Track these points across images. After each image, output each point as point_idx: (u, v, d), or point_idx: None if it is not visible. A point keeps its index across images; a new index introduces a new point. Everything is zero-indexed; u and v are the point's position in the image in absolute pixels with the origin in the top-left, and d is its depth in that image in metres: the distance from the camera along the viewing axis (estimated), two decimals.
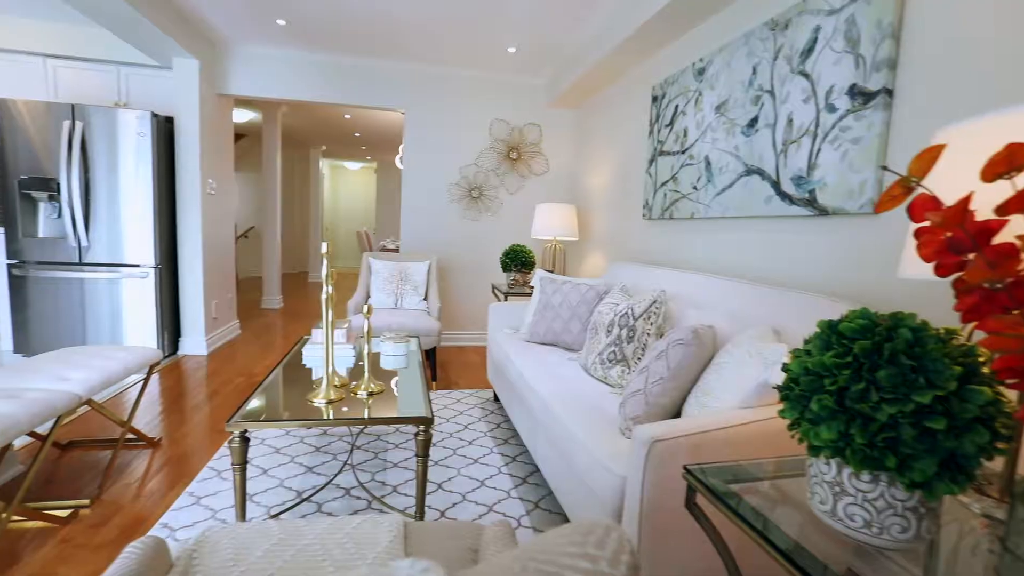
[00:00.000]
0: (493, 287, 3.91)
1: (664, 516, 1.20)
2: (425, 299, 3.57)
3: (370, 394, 1.71)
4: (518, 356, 2.38)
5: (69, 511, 1.79)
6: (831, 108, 1.71)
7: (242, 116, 6.66)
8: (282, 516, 1.80)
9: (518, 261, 3.75)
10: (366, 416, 1.54)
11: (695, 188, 2.56)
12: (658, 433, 1.19)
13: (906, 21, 1.50)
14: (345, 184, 11.42)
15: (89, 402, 1.87)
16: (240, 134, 6.93)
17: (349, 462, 2.18)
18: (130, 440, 2.33)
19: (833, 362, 0.74)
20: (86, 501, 1.86)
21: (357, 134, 7.71)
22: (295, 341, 4.44)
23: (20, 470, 2.08)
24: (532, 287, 3.66)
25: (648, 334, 2.01)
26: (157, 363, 2.30)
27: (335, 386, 1.67)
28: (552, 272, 3.69)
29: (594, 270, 3.91)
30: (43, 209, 3.47)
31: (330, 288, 1.59)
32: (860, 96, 1.60)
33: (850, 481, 0.75)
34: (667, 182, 2.83)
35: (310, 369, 2.06)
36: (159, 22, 3.16)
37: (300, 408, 1.58)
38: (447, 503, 1.95)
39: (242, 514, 1.52)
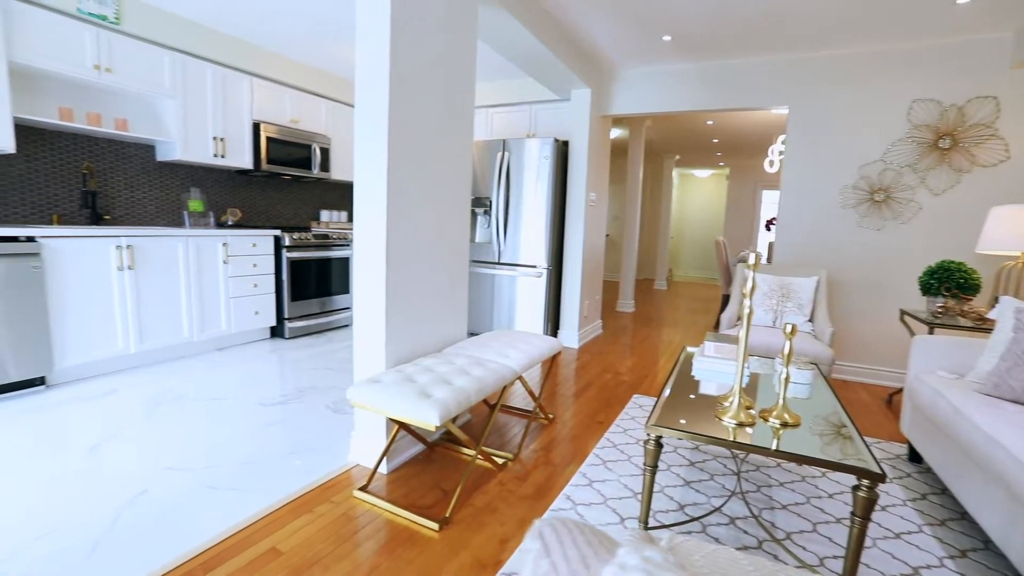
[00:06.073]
0: (903, 313, 3.07)
1: None
2: (810, 320, 3.08)
3: (783, 424, 1.52)
4: (981, 415, 1.74)
5: (503, 460, 2.25)
6: None
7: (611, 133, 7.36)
8: (673, 528, 1.79)
9: (953, 283, 2.82)
10: (795, 452, 1.35)
11: None
12: None
13: None
14: (693, 191, 11.30)
15: (519, 377, 2.30)
16: None
17: (738, 490, 2.02)
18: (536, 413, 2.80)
19: None
20: (510, 455, 2.30)
21: (715, 140, 7.46)
22: (650, 344, 4.58)
23: (468, 419, 2.76)
24: (985, 319, 2.69)
25: None
26: (559, 353, 2.68)
27: (745, 408, 1.54)
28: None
29: None
30: (480, 221, 4.60)
31: (750, 303, 1.47)
32: None
33: None
34: None
35: (698, 381, 2.01)
36: (569, 63, 3.73)
37: (710, 424, 1.52)
38: None
39: (647, 512, 1.57)
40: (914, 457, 2.40)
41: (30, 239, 2.72)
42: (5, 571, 1.44)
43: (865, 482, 1.25)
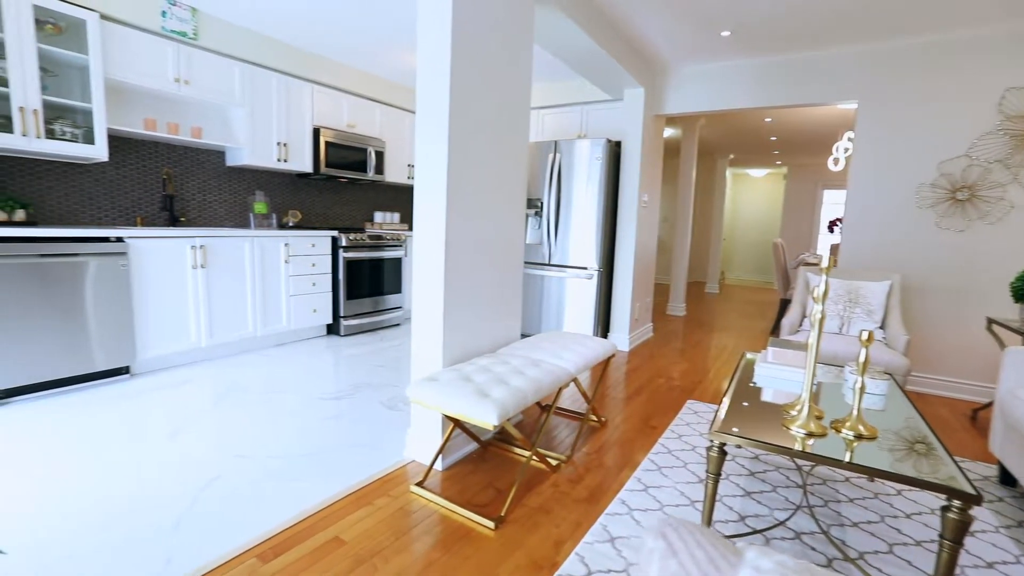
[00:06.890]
0: (991, 322, 2.83)
1: None
2: (882, 327, 2.90)
3: (858, 436, 1.43)
4: None
5: (556, 462, 2.24)
6: None
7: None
8: (736, 541, 1.73)
9: None
10: (875, 467, 1.27)
11: None
12: None
13: None
14: (747, 192, 10.88)
15: (574, 379, 2.29)
16: None
17: (804, 504, 1.93)
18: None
19: None
20: (563, 457, 2.29)
21: (773, 138, 7.16)
22: (703, 349, 4.44)
23: (519, 419, 2.76)
24: None
25: None
26: (613, 355, 2.64)
27: (815, 417, 1.47)
28: None
29: None
30: (530, 222, 4.61)
31: (822, 308, 1.40)
32: None
33: None
34: None
35: (760, 388, 1.93)
36: (623, 62, 3.68)
37: (776, 433, 1.45)
38: None
39: (708, 521, 1.52)
40: (1006, 480, 2.21)
41: (119, 239, 2.95)
42: (109, 537, 1.59)
43: (956, 503, 1.16)
